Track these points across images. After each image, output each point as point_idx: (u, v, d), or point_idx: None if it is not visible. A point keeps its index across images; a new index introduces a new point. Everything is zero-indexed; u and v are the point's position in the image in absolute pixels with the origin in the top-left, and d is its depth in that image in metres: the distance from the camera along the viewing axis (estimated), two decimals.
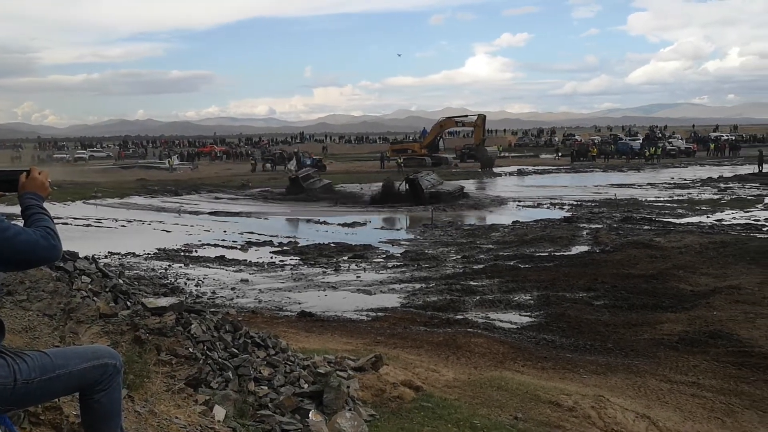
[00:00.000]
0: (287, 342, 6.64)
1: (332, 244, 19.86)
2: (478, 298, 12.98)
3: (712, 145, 66.61)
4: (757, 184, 35.73)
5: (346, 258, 17.80)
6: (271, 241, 20.83)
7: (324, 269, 16.40)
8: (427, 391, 6.47)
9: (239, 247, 19.98)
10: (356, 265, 16.83)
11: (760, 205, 27.09)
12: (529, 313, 11.90)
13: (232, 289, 14.30)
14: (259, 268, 16.58)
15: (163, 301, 5.81)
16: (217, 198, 36.37)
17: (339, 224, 24.88)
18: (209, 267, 16.80)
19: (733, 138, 77.04)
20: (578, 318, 11.16)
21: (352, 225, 24.82)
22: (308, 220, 26.61)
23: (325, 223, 25.55)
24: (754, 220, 22.76)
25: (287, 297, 13.56)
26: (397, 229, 23.73)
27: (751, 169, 44.16)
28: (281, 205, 32.99)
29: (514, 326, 11.03)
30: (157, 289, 13.90)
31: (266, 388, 5.47)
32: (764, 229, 20.84)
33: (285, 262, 17.35)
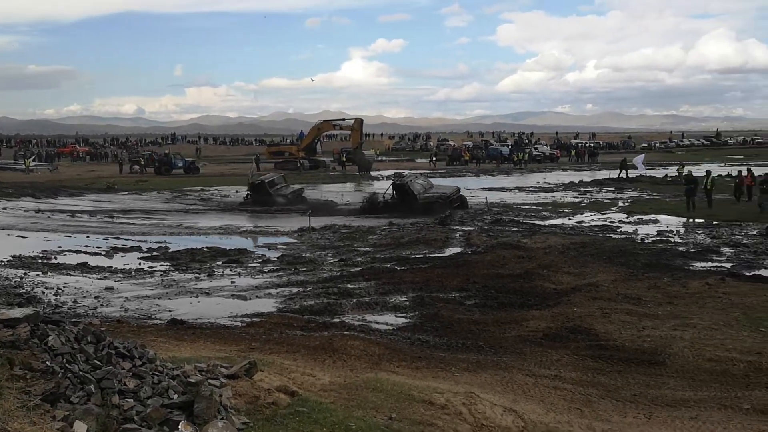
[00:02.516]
0: (156, 351, 6.36)
1: (206, 249, 19.30)
2: (354, 300, 13.05)
3: (573, 152, 70.87)
4: (612, 188, 38.41)
5: (220, 263, 17.35)
6: (139, 246, 19.94)
7: (196, 275, 15.89)
8: (303, 395, 6.42)
9: (104, 253, 18.96)
10: (231, 270, 16.45)
11: (615, 208, 29.12)
12: (404, 314, 12.11)
13: (96, 297, 13.54)
14: (125, 275, 15.81)
15: (17, 312, 5.43)
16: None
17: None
18: (70, 275, 15.81)
19: (592, 145, 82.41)
20: (451, 317, 11.49)
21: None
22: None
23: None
24: (610, 222, 24.45)
25: (156, 304, 13.01)
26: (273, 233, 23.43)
27: (608, 174, 47.41)
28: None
29: (390, 328, 11.19)
30: (11, 299, 12.94)
31: (132, 400, 5.23)
32: (619, 230, 22.41)
33: (154, 268, 16.65)
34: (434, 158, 63.24)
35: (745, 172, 30.79)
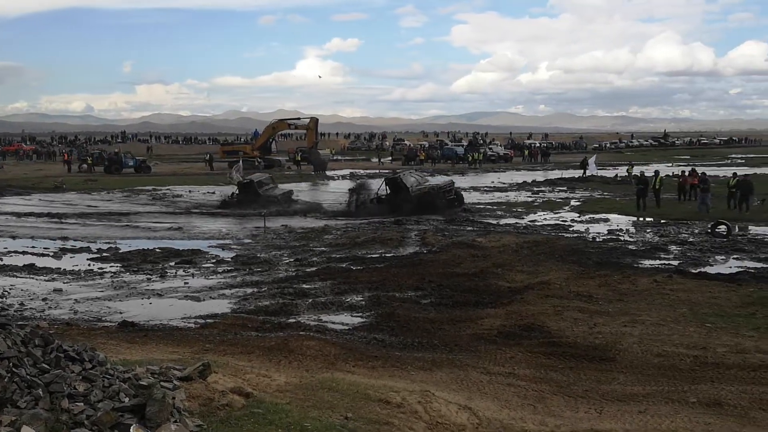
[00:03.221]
0: (106, 354, 6.23)
1: (158, 249, 18.96)
2: (310, 300, 13.00)
3: (526, 152, 71.90)
4: (565, 188, 39.11)
5: (173, 264, 17.06)
6: (88, 247, 19.48)
7: (148, 276, 15.60)
8: (258, 396, 6.36)
9: (52, 254, 18.47)
10: (184, 271, 16.20)
11: (567, 207, 29.66)
12: (360, 314, 12.11)
13: (44, 299, 13.18)
14: (74, 277, 15.42)
15: None
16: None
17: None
18: (16, 276, 15.35)
19: (545, 145, 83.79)
20: (407, 317, 11.53)
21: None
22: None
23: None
24: (562, 221, 24.90)
25: (107, 307, 12.73)
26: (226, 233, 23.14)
27: (560, 174, 48.26)
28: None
29: (346, 327, 11.18)
30: None
31: (82, 404, 5.12)
32: (571, 229, 22.84)
33: (104, 270, 16.28)
34: (390, 159, 63.30)
35: (687, 172, 31.73)
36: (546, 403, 7.47)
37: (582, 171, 45.67)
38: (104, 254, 18.35)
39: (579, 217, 26.04)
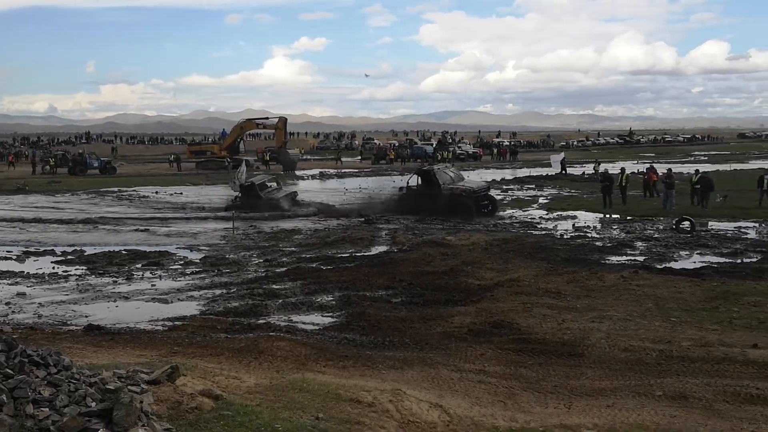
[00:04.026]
0: (72, 359, 6.13)
1: (124, 252, 18.68)
2: (280, 301, 12.93)
3: (495, 150, 72.45)
4: (533, 186, 39.49)
5: (139, 266, 16.82)
6: (53, 250, 19.11)
7: (114, 279, 15.36)
8: (228, 399, 6.31)
9: (15, 257, 18.08)
10: (151, 273, 15.98)
11: (535, 205, 29.96)
12: (330, 314, 12.08)
13: (7, 304, 12.90)
14: (38, 280, 15.12)
15: None
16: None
17: None
18: None
19: (513, 144, 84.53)
20: (377, 316, 11.53)
21: None
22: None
23: None
24: (531, 219, 25.14)
25: (72, 310, 12.51)
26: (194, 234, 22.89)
27: (528, 172, 48.71)
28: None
29: (317, 327, 11.14)
30: None
31: (47, 409, 5.05)
32: (539, 226, 23.07)
33: (69, 273, 15.98)
34: (340, 157, 62.55)
35: (652, 170, 32.32)
36: (516, 399, 7.53)
37: (560, 169, 46.11)
38: (69, 257, 18.02)
39: (547, 214, 26.31)
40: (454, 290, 13.44)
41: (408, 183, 26.97)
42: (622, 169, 30.13)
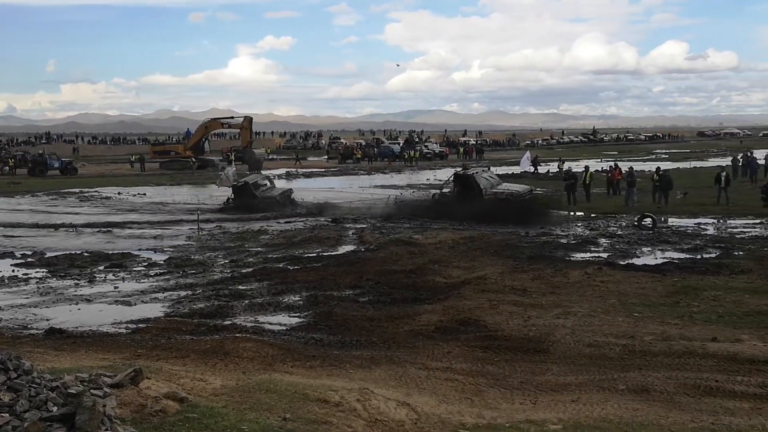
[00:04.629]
0: (33, 363, 5.99)
1: (86, 254, 18.34)
2: (247, 302, 12.83)
3: (461, 149, 72.92)
4: None
5: (102, 268, 16.54)
6: (12, 252, 18.69)
7: (76, 281, 15.09)
8: (193, 401, 6.24)
9: None
10: (114, 275, 15.72)
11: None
12: (298, 314, 12.03)
13: None
14: None
15: None
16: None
17: None
18: None
19: (479, 143, 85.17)
20: (345, 315, 11.51)
21: None
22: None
23: None
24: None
25: (32, 314, 12.25)
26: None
27: (494, 170, 49.07)
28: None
29: (284, 328, 11.08)
30: None
31: (7, 415, 4.93)
32: None
33: (29, 275, 15.64)
34: (299, 157, 62.14)
35: (616, 167, 32.86)
36: (483, 396, 7.59)
37: (533, 168, 46.48)
38: (29, 259, 17.66)
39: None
40: (421, 289, 13.49)
41: (443, 188, 25.11)
42: (586, 167, 30.54)
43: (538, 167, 46.67)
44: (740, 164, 36.98)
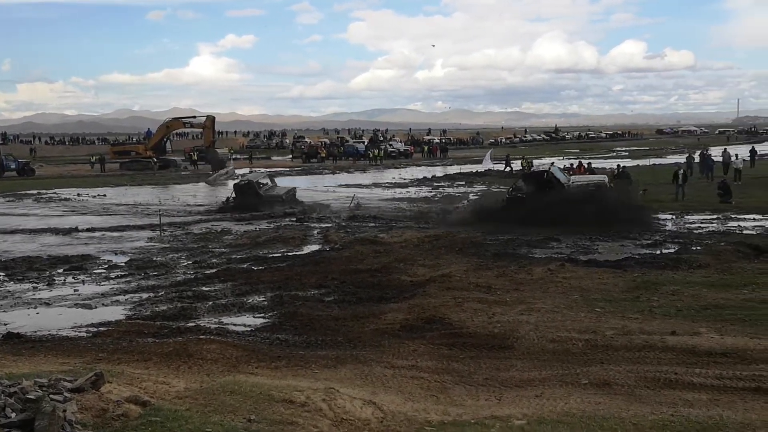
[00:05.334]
0: None
1: (45, 257, 17.95)
2: (210, 303, 12.69)
3: (426, 148, 73.23)
4: (463, 182, 40.12)
5: (61, 270, 16.21)
6: None
7: (34, 284, 14.75)
8: (156, 404, 6.15)
9: None
10: (74, 278, 15.42)
11: (466, 201, 30.39)
12: (262, 315, 11.94)
13: None
14: None
15: None
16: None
17: None
18: None
19: (443, 141, 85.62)
20: (310, 315, 11.47)
21: None
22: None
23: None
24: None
25: None
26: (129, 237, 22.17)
27: (458, 169, 49.47)
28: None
29: (248, 329, 10.99)
30: None
31: None
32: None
33: None
34: (252, 156, 61.20)
35: (577, 165, 33.40)
36: (448, 393, 7.63)
37: (505, 166, 46.76)
38: None
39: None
40: (386, 287, 13.50)
41: (512, 190, 22.87)
42: (551, 165, 30.91)
43: (511, 164, 47.04)
44: (695, 161, 37.88)
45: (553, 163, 27.01)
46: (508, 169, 46.26)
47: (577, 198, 20.78)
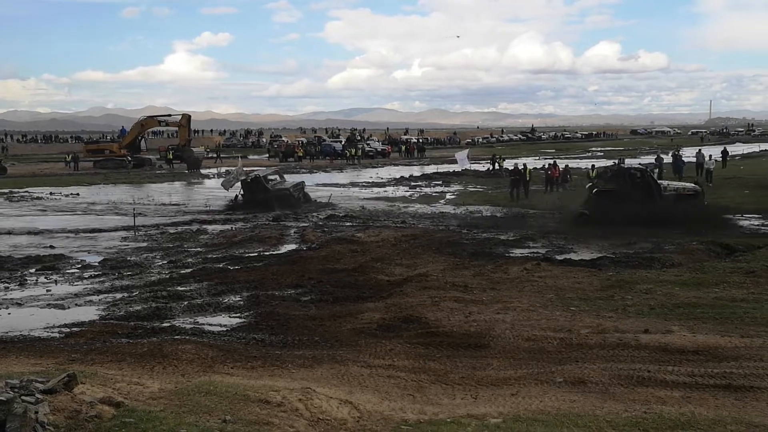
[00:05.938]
0: None
1: (16, 256, 17.66)
2: (186, 303, 12.58)
3: (403, 147, 73.32)
4: (440, 182, 40.23)
5: (33, 270, 15.96)
6: None
7: (5, 284, 14.50)
8: (130, 405, 6.09)
9: None
10: (46, 278, 15.18)
11: (443, 201, 30.53)
12: (238, 315, 11.86)
13: None
14: None
15: None
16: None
17: None
18: None
19: (420, 141, 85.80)
20: (287, 315, 11.42)
21: None
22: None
23: None
24: (439, 213, 25.57)
25: None
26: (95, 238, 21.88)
27: (435, 168, 49.57)
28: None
29: (224, 329, 10.91)
30: None
31: None
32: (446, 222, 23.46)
33: None
34: (219, 154, 60.61)
35: (553, 165, 33.71)
36: (425, 392, 7.65)
37: (491, 166, 46.68)
38: None
39: (454, 210, 26.85)
40: (363, 287, 13.49)
41: (595, 188, 22.21)
42: (525, 165, 31.20)
43: (500, 164, 46.97)
44: (664, 162, 38.75)
45: (647, 166, 26.56)
46: (492, 168, 46.12)
47: (678, 201, 21.22)
